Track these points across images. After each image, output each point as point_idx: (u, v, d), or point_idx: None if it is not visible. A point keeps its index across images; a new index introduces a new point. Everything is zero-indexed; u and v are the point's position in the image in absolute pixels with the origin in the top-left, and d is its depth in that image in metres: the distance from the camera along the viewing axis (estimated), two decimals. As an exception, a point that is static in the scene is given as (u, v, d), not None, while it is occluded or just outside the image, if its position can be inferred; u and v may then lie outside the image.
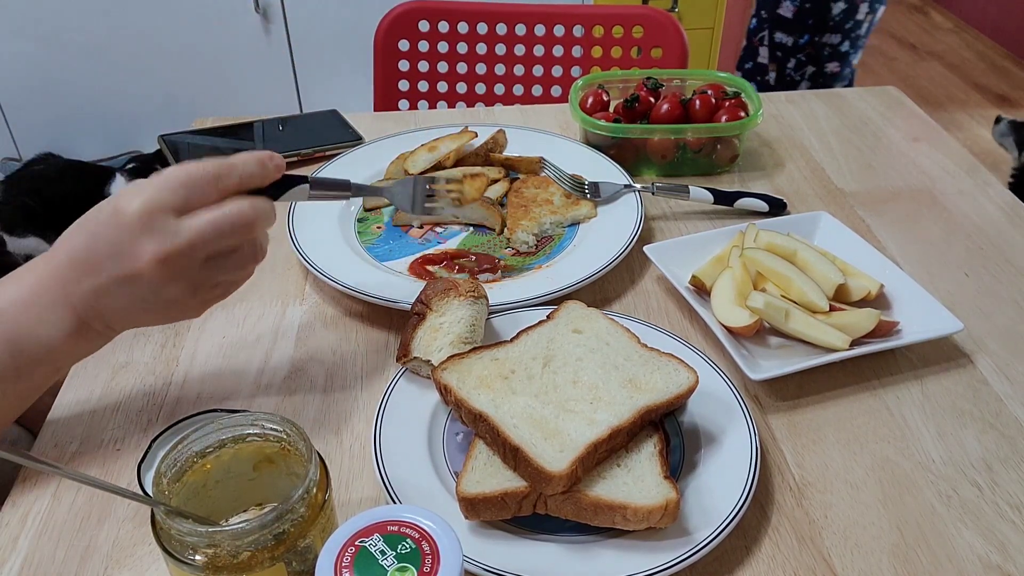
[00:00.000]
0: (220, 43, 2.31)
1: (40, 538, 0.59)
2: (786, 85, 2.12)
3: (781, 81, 2.12)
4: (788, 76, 2.11)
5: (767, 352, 0.73)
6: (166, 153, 1.02)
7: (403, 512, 0.45)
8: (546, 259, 0.85)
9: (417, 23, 1.47)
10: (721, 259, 0.81)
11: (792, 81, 2.11)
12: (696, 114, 1.01)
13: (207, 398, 0.70)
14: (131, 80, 2.32)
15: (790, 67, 2.09)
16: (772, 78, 2.14)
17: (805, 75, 2.09)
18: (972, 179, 1.00)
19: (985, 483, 0.62)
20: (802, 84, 2.11)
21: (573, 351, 0.65)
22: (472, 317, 0.70)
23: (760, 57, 2.13)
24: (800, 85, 2.11)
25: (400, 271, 0.83)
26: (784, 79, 2.12)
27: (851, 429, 0.67)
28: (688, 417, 0.65)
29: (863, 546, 0.58)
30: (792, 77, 2.11)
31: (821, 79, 2.09)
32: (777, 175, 1.01)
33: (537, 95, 1.55)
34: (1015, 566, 0.56)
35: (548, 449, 0.55)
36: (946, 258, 0.87)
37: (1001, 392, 0.70)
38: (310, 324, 0.78)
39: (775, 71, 2.12)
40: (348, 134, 1.07)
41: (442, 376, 0.62)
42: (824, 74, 2.08)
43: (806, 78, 2.10)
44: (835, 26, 2.00)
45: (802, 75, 2.09)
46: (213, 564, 0.46)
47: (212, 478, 0.52)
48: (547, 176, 0.95)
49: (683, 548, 0.54)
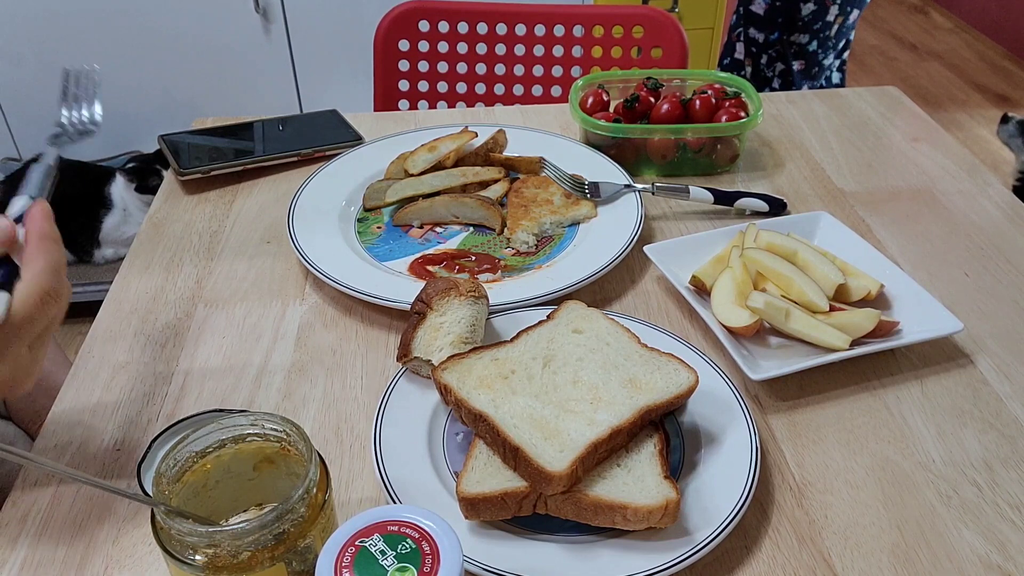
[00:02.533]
0: (220, 43, 2.30)
1: (40, 538, 0.59)
2: (761, 81, 2.15)
3: (756, 76, 2.16)
4: (762, 72, 2.14)
5: (767, 352, 0.73)
6: (166, 153, 1.02)
7: (403, 512, 0.45)
8: (546, 259, 0.85)
9: (417, 23, 1.47)
10: (721, 259, 0.81)
11: (766, 77, 2.15)
12: (696, 114, 1.01)
13: (207, 398, 0.70)
14: (131, 80, 2.32)
15: (763, 63, 2.12)
16: (748, 73, 2.17)
17: (776, 71, 2.12)
18: (972, 179, 1.00)
19: (985, 483, 0.62)
20: (774, 81, 2.14)
21: (573, 351, 0.65)
22: (472, 317, 0.70)
23: (737, 53, 2.17)
24: (773, 82, 2.14)
25: (400, 271, 0.83)
26: (759, 74, 2.15)
27: (851, 429, 0.67)
28: (688, 417, 0.65)
29: (863, 546, 0.58)
30: (765, 73, 2.14)
31: (790, 77, 2.12)
32: (777, 175, 1.01)
33: (537, 95, 1.55)
34: (1015, 566, 0.56)
35: (548, 449, 0.55)
36: (946, 258, 0.87)
37: (1001, 392, 0.70)
38: (310, 324, 0.78)
39: (751, 66, 2.15)
40: (348, 134, 1.07)
41: (442, 376, 0.62)
42: (792, 71, 2.10)
43: (776, 75, 2.13)
44: (804, 26, 2.04)
45: (773, 71, 2.12)
46: (213, 564, 0.46)
47: (212, 478, 0.52)
48: (547, 176, 0.95)
49: (683, 548, 0.54)
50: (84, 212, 2.12)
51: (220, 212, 0.95)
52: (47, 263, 0.53)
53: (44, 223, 0.55)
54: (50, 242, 0.54)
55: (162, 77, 2.34)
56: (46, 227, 0.55)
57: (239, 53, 2.34)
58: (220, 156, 1.01)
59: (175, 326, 0.78)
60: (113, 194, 2.13)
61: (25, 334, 0.52)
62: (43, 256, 0.53)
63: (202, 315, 0.79)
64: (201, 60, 2.33)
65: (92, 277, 2.14)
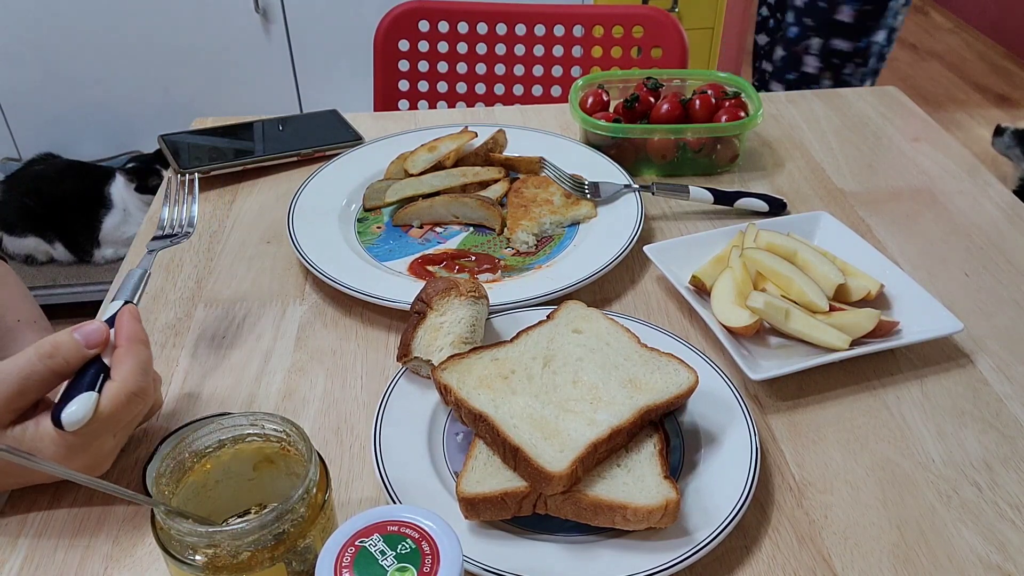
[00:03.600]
0: (220, 43, 2.30)
1: (40, 538, 0.59)
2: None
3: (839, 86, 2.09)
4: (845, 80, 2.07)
5: (767, 352, 0.73)
6: (166, 153, 1.02)
7: (403, 512, 0.45)
8: (546, 259, 0.85)
9: (417, 23, 1.47)
10: (721, 259, 0.81)
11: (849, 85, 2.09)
12: (696, 114, 1.01)
13: (207, 398, 0.70)
14: (131, 80, 2.32)
15: (846, 72, 2.04)
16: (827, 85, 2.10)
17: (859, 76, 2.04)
18: (972, 179, 1.00)
19: (985, 483, 0.62)
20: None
21: (573, 351, 0.64)
22: (472, 317, 0.70)
23: (807, 66, 2.08)
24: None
25: (400, 271, 0.83)
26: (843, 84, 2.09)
27: (851, 429, 0.67)
28: (688, 417, 0.65)
29: (863, 546, 0.58)
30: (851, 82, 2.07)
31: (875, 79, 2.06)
32: (777, 175, 1.01)
33: (537, 95, 1.55)
34: (1015, 566, 0.56)
35: (548, 449, 0.55)
36: (946, 258, 0.87)
37: (1001, 392, 0.70)
38: (310, 324, 0.78)
39: (831, 79, 2.07)
40: (348, 134, 1.07)
41: (442, 376, 0.62)
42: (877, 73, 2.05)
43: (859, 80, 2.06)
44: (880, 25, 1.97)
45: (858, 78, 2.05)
46: (213, 564, 0.46)
47: (212, 478, 0.52)
48: (547, 176, 0.95)
49: (683, 548, 0.54)
50: (84, 212, 2.12)
51: (220, 212, 0.95)
52: (135, 364, 0.56)
53: (134, 325, 0.58)
54: (139, 344, 0.58)
55: (162, 77, 2.34)
56: (135, 328, 0.58)
57: (239, 53, 2.34)
58: (220, 156, 1.01)
59: (175, 326, 0.78)
60: (113, 194, 2.13)
61: (109, 430, 0.56)
62: (131, 358, 0.57)
63: (202, 315, 0.79)
64: (201, 60, 2.33)
65: (92, 277, 2.15)
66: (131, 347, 0.57)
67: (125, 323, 0.58)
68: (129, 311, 0.60)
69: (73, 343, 0.56)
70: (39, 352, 0.54)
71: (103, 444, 0.56)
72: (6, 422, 0.54)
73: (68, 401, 0.54)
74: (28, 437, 0.54)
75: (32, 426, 0.54)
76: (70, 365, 0.55)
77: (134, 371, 0.56)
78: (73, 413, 0.53)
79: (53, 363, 0.54)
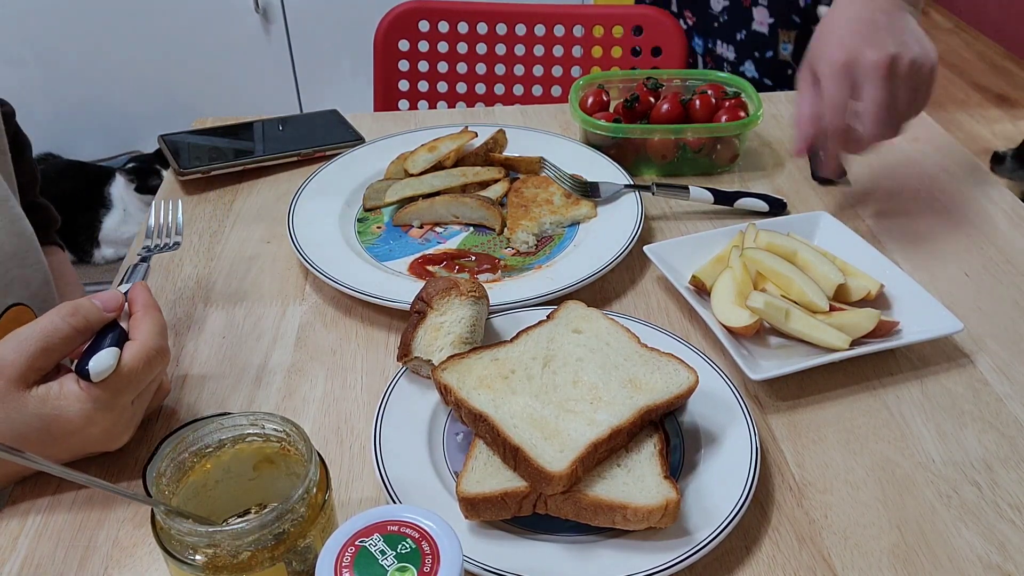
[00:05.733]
0: (220, 43, 2.31)
1: (40, 538, 0.59)
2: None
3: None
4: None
5: (767, 352, 0.73)
6: (166, 153, 1.02)
7: (403, 512, 0.45)
8: (546, 259, 0.85)
9: (417, 23, 1.47)
10: (721, 259, 0.81)
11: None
12: (696, 114, 1.01)
13: (207, 398, 0.70)
14: (131, 80, 2.32)
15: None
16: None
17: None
18: (972, 179, 1.00)
19: (985, 483, 0.62)
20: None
21: (573, 351, 0.64)
22: (473, 317, 0.70)
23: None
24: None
25: (400, 271, 0.83)
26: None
27: (851, 429, 0.67)
28: (688, 417, 0.65)
29: (863, 546, 0.58)
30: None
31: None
32: (777, 175, 1.01)
33: (537, 95, 1.55)
34: (1015, 566, 0.56)
35: (548, 449, 0.55)
36: (946, 258, 0.87)
37: (1001, 392, 0.70)
38: (310, 324, 0.78)
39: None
40: (348, 134, 1.07)
41: (442, 376, 0.62)
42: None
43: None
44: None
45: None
46: (213, 564, 0.46)
47: (212, 478, 0.52)
48: (547, 176, 0.95)
49: (683, 548, 0.54)
50: (84, 212, 2.12)
51: (220, 212, 0.95)
52: (152, 326, 0.60)
53: (147, 295, 0.63)
54: (154, 310, 0.62)
55: (162, 77, 2.34)
56: (149, 299, 0.63)
57: (239, 53, 2.34)
58: (220, 156, 1.01)
59: (175, 326, 0.78)
60: (113, 194, 2.13)
61: (132, 387, 0.59)
62: (148, 320, 0.61)
63: (202, 315, 0.79)
64: (201, 60, 2.33)
65: (92, 277, 2.15)
66: (147, 311, 0.61)
67: (139, 294, 0.62)
68: (142, 285, 0.64)
69: (93, 305, 0.59)
70: (60, 312, 0.57)
71: (126, 406, 0.59)
72: (31, 381, 0.57)
73: (91, 356, 0.56)
74: (52, 396, 0.56)
75: (56, 387, 0.57)
76: (91, 324, 0.58)
77: (152, 332, 0.60)
78: (100, 363, 0.56)
79: (75, 321, 0.57)
